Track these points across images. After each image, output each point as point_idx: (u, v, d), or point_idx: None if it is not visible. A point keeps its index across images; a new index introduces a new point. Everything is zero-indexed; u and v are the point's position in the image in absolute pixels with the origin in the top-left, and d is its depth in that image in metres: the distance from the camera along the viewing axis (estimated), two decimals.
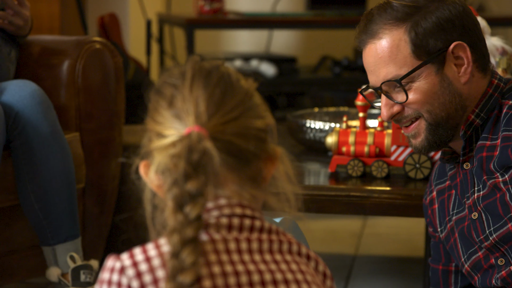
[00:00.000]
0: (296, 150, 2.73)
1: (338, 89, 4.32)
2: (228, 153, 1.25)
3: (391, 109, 1.84)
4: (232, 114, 1.26)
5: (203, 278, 1.20)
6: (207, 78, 1.27)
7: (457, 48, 1.81)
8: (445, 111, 1.82)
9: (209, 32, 4.92)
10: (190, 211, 1.18)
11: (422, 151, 1.87)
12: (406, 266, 3.31)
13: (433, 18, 1.80)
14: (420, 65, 1.79)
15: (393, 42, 1.81)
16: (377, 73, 1.83)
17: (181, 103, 1.25)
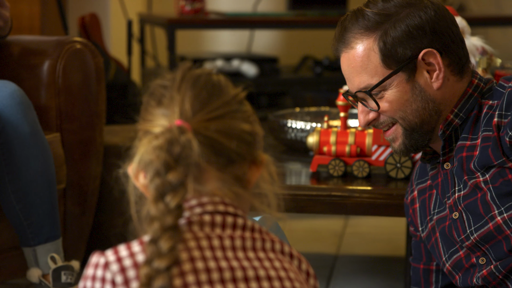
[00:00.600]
0: (277, 150, 2.73)
1: (320, 89, 4.32)
2: (211, 149, 1.28)
3: (367, 116, 1.86)
4: (216, 113, 1.30)
5: (186, 273, 1.22)
6: (195, 81, 1.32)
7: (427, 55, 1.81)
8: (418, 117, 1.83)
9: (190, 32, 4.91)
10: (171, 200, 1.22)
11: (402, 154, 1.90)
12: (387, 266, 3.32)
13: (402, 27, 1.80)
14: (390, 74, 1.81)
15: (363, 52, 1.82)
16: (352, 81, 1.86)
17: (168, 101, 1.30)
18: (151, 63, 4.69)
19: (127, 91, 3.97)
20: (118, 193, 1.34)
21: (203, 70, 1.35)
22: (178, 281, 1.22)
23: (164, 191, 1.23)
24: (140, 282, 1.19)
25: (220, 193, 1.31)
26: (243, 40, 4.87)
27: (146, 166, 1.26)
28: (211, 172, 1.30)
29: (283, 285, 1.29)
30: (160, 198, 1.23)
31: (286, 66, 4.52)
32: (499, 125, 1.79)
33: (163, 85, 1.33)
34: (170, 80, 1.33)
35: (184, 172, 1.25)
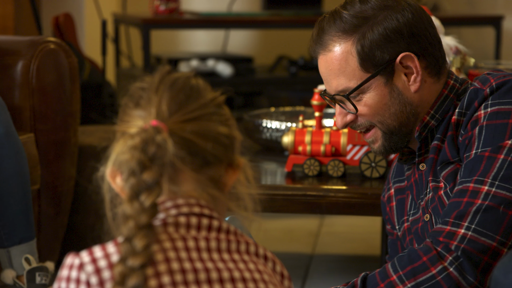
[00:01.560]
0: (252, 150, 2.73)
1: (295, 89, 4.33)
2: (186, 150, 1.29)
3: (345, 118, 1.86)
4: (193, 114, 1.31)
5: (161, 274, 1.23)
6: (173, 83, 1.33)
7: (405, 59, 1.81)
8: (396, 120, 1.84)
9: (165, 32, 4.90)
10: (145, 199, 1.23)
11: (382, 155, 1.92)
12: (362, 265, 3.32)
13: (379, 30, 1.79)
14: (368, 78, 1.81)
15: (341, 55, 1.81)
16: (329, 84, 1.85)
17: (146, 103, 1.31)
18: (125, 63, 4.68)
19: (102, 91, 3.96)
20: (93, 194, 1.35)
21: (182, 74, 1.36)
22: (153, 281, 1.22)
23: (139, 190, 1.24)
24: (114, 280, 1.19)
25: (196, 194, 1.32)
26: (218, 40, 4.87)
27: (122, 166, 1.27)
28: (187, 173, 1.30)
29: (258, 286, 1.29)
30: (135, 197, 1.24)
31: (261, 66, 4.52)
32: (458, 123, 1.80)
33: (141, 87, 1.34)
34: (149, 83, 1.34)
35: (159, 171, 1.25)
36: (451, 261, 1.69)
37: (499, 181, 1.70)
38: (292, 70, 4.23)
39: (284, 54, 4.50)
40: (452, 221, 1.71)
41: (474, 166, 1.73)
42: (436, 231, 1.73)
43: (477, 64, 2.56)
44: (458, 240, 1.69)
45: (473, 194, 1.71)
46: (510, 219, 1.68)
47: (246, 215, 1.38)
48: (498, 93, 1.75)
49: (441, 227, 1.73)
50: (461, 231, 1.69)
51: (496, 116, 1.73)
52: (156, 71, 1.36)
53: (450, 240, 1.70)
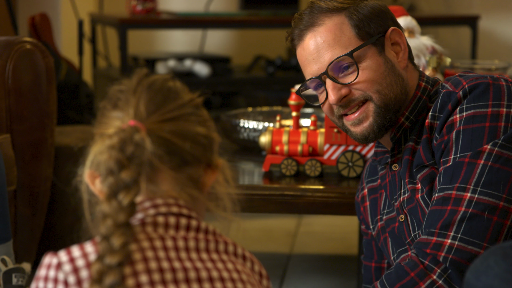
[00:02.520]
0: (230, 150, 2.73)
1: (272, 89, 4.33)
2: (165, 149, 1.30)
3: (339, 91, 1.82)
4: (171, 114, 1.32)
5: (139, 273, 1.23)
6: (151, 85, 1.34)
7: (394, 33, 1.84)
8: (393, 92, 1.83)
9: (142, 32, 4.89)
10: (123, 198, 1.24)
11: (370, 135, 1.84)
12: (340, 264, 3.33)
13: (367, 8, 1.83)
14: (366, 42, 1.81)
15: (335, 25, 1.82)
16: (321, 59, 1.83)
17: (124, 104, 1.32)
18: (102, 63, 4.66)
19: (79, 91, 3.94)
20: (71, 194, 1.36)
21: (159, 76, 1.37)
22: (131, 281, 1.22)
23: (117, 189, 1.25)
24: (92, 278, 1.19)
25: (175, 194, 1.33)
26: (196, 40, 4.86)
27: (100, 166, 1.27)
28: (165, 172, 1.31)
29: (236, 286, 1.30)
30: (113, 196, 1.24)
31: (238, 66, 4.52)
32: (432, 126, 1.80)
33: (119, 90, 1.35)
34: (126, 85, 1.35)
35: (137, 170, 1.26)
36: (440, 274, 1.68)
37: (481, 187, 1.69)
38: (269, 70, 4.23)
39: (262, 54, 4.50)
40: (438, 231, 1.70)
41: (454, 173, 1.72)
42: (422, 243, 1.72)
43: (453, 63, 2.57)
44: (446, 251, 1.68)
45: (456, 202, 1.70)
46: (495, 225, 1.68)
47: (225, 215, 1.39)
48: (472, 96, 1.75)
49: (427, 238, 1.71)
50: (447, 241, 1.69)
51: (473, 120, 1.73)
52: (133, 73, 1.36)
53: (437, 252, 1.69)
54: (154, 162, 1.29)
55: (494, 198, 1.68)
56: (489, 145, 1.71)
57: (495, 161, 1.70)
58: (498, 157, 1.70)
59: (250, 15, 4.27)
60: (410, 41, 2.42)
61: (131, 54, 4.39)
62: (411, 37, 2.46)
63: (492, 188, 1.69)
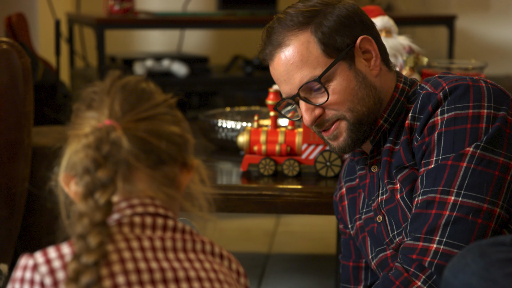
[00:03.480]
0: (208, 150, 2.73)
1: (250, 89, 4.33)
2: (141, 148, 1.30)
3: (313, 113, 1.83)
4: (145, 114, 1.32)
5: (116, 274, 1.23)
6: (124, 85, 1.35)
7: (364, 42, 1.83)
8: (365, 106, 1.83)
9: (120, 32, 4.88)
10: (100, 197, 1.25)
11: (346, 149, 1.86)
12: (318, 264, 3.34)
13: (333, 17, 1.81)
14: (334, 61, 1.80)
15: (301, 45, 1.80)
16: (291, 81, 1.82)
17: (98, 104, 1.33)
18: (80, 63, 4.64)
19: (56, 91, 3.93)
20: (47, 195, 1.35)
21: (132, 77, 1.37)
22: (108, 282, 1.22)
23: (94, 188, 1.25)
24: (68, 277, 1.19)
25: (151, 193, 1.32)
26: (173, 40, 4.85)
27: (75, 167, 1.27)
28: (142, 171, 1.32)
29: (213, 286, 1.30)
30: (89, 194, 1.25)
31: (216, 65, 4.52)
32: (412, 127, 1.81)
33: (93, 91, 1.35)
34: (100, 86, 1.35)
35: (114, 169, 1.27)
36: (425, 280, 1.69)
37: (465, 190, 1.70)
38: (247, 70, 4.23)
39: (240, 54, 4.50)
40: (424, 236, 1.70)
41: (437, 175, 1.72)
42: (408, 248, 1.72)
43: (430, 63, 2.58)
44: (431, 256, 1.69)
45: (440, 206, 1.70)
46: (480, 228, 1.68)
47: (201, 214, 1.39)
48: (453, 98, 1.75)
49: (413, 243, 1.72)
50: (433, 246, 1.69)
51: (454, 122, 1.74)
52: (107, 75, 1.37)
53: (423, 257, 1.69)
54: (131, 160, 1.29)
55: (478, 200, 1.69)
56: (472, 147, 1.71)
57: (478, 164, 1.70)
58: (481, 159, 1.70)
59: (228, 15, 4.27)
60: (387, 41, 2.43)
61: (109, 54, 4.38)
62: (388, 36, 2.46)
63: (475, 191, 1.69)
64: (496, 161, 1.71)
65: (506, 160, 1.71)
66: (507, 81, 4.38)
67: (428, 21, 4.49)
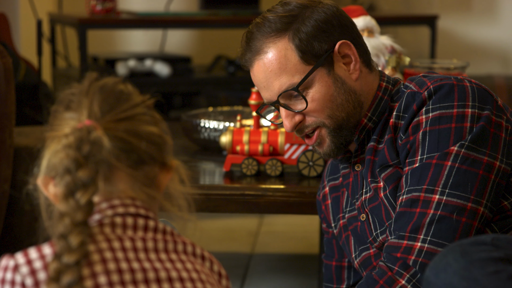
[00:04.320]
0: (191, 150, 2.73)
1: (233, 88, 4.33)
2: (121, 148, 1.30)
3: (293, 119, 1.84)
4: (125, 114, 1.32)
5: (98, 274, 1.23)
6: (103, 87, 1.35)
7: (342, 46, 1.83)
8: (344, 111, 1.83)
9: (102, 32, 4.87)
10: (81, 197, 1.24)
11: (332, 155, 1.87)
12: (301, 263, 3.34)
13: (311, 22, 1.81)
14: (312, 69, 1.80)
15: (279, 53, 1.80)
16: (271, 88, 1.83)
17: (77, 105, 1.33)
18: (62, 64, 4.63)
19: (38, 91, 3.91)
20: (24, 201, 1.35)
21: (110, 79, 1.37)
22: (90, 282, 1.22)
23: (75, 188, 1.25)
24: (49, 276, 1.19)
25: (132, 193, 1.32)
26: (156, 39, 4.84)
27: (55, 168, 1.27)
28: (122, 171, 1.32)
29: (195, 286, 1.30)
30: (70, 194, 1.25)
31: (199, 65, 4.51)
32: (396, 126, 1.81)
33: (71, 93, 1.35)
34: (78, 88, 1.35)
35: (95, 169, 1.27)
36: (409, 279, 1.69)
37: (449, 189, 1.70)
38: (230, 70, 4.23)
39: (222, 54, 4.50)
40: (408, 235, 1.71)
41: (422, 174, 1.73)
42: (392, 247, 1.73)
43: (412, 63, 2.58)
44: (416, 254, 1.69)
45: (425, 204, 1.71)
46: (464, 226, 1.69)
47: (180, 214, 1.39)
48: (438, 97, 1.76)
49: (397, 241, 1.72)
50: (417, 245, 1.70)
51: (439, 121, 1.74)
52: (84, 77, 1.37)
53: (408, 255, 1.70)
54: (111, 160, 1.29)
55: (462, 199, 1.70)
56: (456, 147, 1.72)
57: (462, 163, 1.71)
58: (465, 158, 1.71)
59: (211, 15, 4.27)
60: (369, 41, 2.43)
61: (91, 54, 4.37)
62: (370, 36, 2.47)
63: (460, 190, 1.70)
64: (480, 160, 1.71)
65: (490, 159, 1.72)
66: (488, 80, 4.40)
67: (410, 21, 4.51)
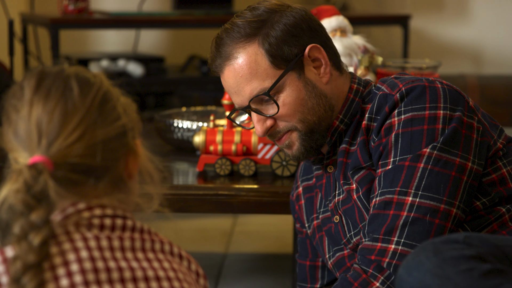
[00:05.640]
0: (164, 150, 2.72)
1: (206, 88, 4.32)
2: (79, 172, 1.27)
3: (265, 124, 1.84)
4: (76, 134, 1.27)
5: (73, 274, 1.22)
6: (46, 98, 1.28)
7: (312, 50, 1.83)
8: (315, 115, 1.83)
9: (74, 32, 4.84)
10: (33, 238, 1.22)
11: (301, 157, 1.87)
12: (275, 263, 3.35)
13: (280, 26, 1.81)
14: (283, 73, 1.80)
15: (250, 58, 1.80)
16: (242, 93, 1.83)
17: (23, 128, 1.27)
18: (34, 64, 4.60)
19: None
20: None
21: (53, 77, 1.30)
22: (65, 281, 1.21)
23: (28, 231, 1.22)
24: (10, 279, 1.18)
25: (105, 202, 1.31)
26: (129, 39, 4.83)
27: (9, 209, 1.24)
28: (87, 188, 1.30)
29: (172, 285, 1.30)
30: (23, 237, 1.22)
31: (172, 65, 4.50)
32: (368, 128, 1.82)
33: (14, 106, 1.29)
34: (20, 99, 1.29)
35: (48, 209, 1.24)
36: (383, 281, 1.70)
37: (422, 191, 1.71)
38: (203, 70, 4.23)
39: (196, 54, 4.49)
40: (382, 237, 1.71)
41: (395, 176, 1.73)
42: (366, 249, 1.73)
43: (385, 62, 2.59)
44: (390, 257, 1.70)
45: (398, 206, 1.71)
46: (437, 228, 1.70)
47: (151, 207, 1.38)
48: (409, 99, 1.76)
49: (371, 244, 1.73)
50: (391, 247, 1.70)
51: (411, 123, 1.75)
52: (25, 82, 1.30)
53: (382, 258, 1.70)
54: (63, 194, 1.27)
55: (435, 201, 1.70)
56: (429, 148, 1.72)
57: (435, 164, 1.72)
58: (438, 160, 1.72)
59: (184, 14, 4.26)
60: (342, 41, 2.44)
61: (64, 54, 4.35)
62: (343, 36, 2.48)
63: (433, 192, 1.71)
64: (452, 161, 1.72)
65: (462, 160, 1.73)
66: (460, 80, 4.43)
67: (383, 21, 4.52)
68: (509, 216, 1.76)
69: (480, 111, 1.82)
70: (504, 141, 1.81)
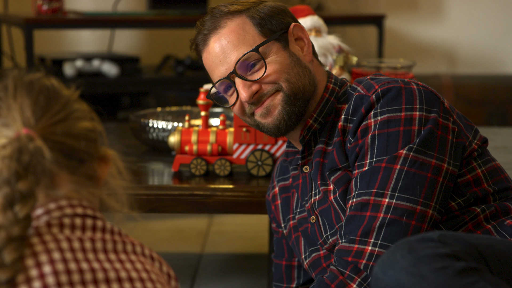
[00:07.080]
0: (139, 150, 2.71)
1: (182, 88, 4.32)
2: (61, 153, 1.29)
3: (250, 88, 1.84)
4: (59, 116, 1.30)
5: (46, 275, 1.22)
6: (29, 87, 1.32)
7: (296, 29, 1.87)
8: (301, 81, 1.84)
9: (49, 32, 4.82)
10: (20, 210, 1.23)
11: (280, 125, 1.85)
12: (251, 263, 3.35)
13: (267, 7, 1.87)
14: (271, 37, 1.83)
15: (238, 26, 1.83)
16: (227, 60, 1.83)
17: (6, 111, 1.29)
18: (8, 64, 4.58)
19: None
20: None
21: (34, 76, 1.34)
22: (38, 283, 1.21)
23: (14, 200, 1.23)
24: None
25: (76, 195, 1.31)
26: (104, 39, 4.81)
27: None
28: (63, 176, 1.31)
29: (145, 286, 1.30)
30: (9, 207, 1.22)
31: (147, 65, 4.49)
32: (344, 129, 1.82)
33: None
34: (2, 90, 1.32)
35: (35, 180, 1.25)
36: (360, 283, 1.70)
37: (399, 192, 1.71)
38: (179, 70, 4.22)
39: (171, 54, 4.49)
40: (359, 239, 1.71)
41: (371, 178, 1.74)
42: (343, 251, 1.73)
43: (360, 62, 2.60)
44: (367, 258, 1.70)
45: (374, 208, 1.72)
46: (413, 229, 1.70)
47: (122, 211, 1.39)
48: (386, 100, 1.77)
49: (348, 245, 1.73)
50: (368, 248, 1.70)
51: (387, 124, 1.75)
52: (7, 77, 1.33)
53: (359, 259, 1.71)
54: (52, 169, 1.28)
55: (411, 202, 1.71)
56: (405, 150, 1.73)
57: (411, 166, 1.72)
58: (414, 161, 1.72)
59: (159, 14, 4.25)
60: (317, 40, 2.45)
61: (38, 54, 4.33)
62: (318, 36, 2.48)
63: (409, 193, 1.71)
64: (428, 163, 1.73)
65: (438, 162, 1.73)
66: (435, 79, 4.45)
67: (357, 21, 4.54)
68: (483, 216, 1.77)
69: (456, 112, 1.83)
70: (479, 142, 1.82)
